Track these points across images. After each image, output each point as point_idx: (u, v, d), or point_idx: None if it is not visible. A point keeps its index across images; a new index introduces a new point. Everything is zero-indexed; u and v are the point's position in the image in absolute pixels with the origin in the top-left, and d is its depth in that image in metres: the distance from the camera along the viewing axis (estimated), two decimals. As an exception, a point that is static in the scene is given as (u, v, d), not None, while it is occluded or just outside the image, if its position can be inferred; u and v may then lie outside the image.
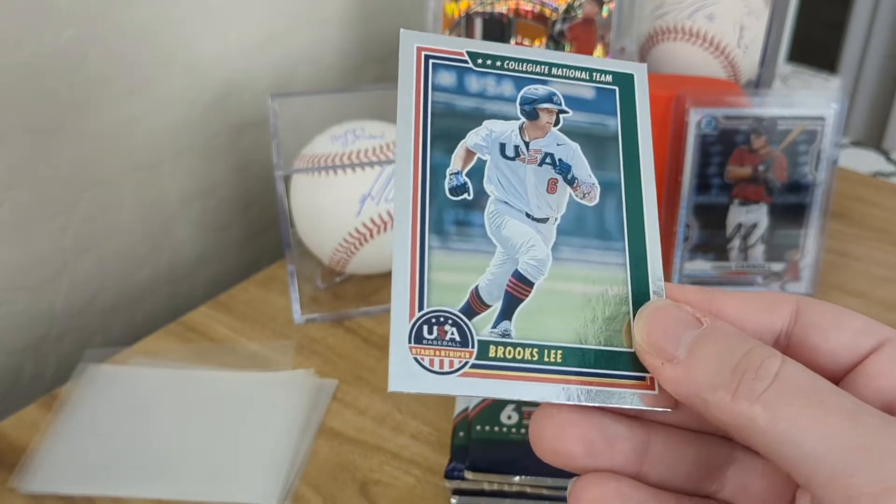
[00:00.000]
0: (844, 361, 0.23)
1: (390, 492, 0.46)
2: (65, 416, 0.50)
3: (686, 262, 0.60)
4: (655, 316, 0.22)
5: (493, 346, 0.24)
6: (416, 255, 0.24)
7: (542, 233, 0.25)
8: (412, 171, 0.25)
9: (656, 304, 0.23)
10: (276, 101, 0.62)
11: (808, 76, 1.00)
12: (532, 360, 0.24)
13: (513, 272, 0.25)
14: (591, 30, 0.66)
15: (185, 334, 0.58)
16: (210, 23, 0.64)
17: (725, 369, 0.20)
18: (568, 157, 0.27)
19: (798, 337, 0.23)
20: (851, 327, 0.23)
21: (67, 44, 0.55)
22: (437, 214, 0.25)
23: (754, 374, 0.20)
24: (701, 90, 0.58)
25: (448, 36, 0.27)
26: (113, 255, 0.63)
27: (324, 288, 0.62)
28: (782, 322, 0.23)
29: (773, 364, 0.20)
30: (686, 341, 0.21)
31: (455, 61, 0.27)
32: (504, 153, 0.26)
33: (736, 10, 0.67)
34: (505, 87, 0.27)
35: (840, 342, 0.23)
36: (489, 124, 0.26)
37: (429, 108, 0.26)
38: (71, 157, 0.58)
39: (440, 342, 0.24)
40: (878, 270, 0.65)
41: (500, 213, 0.25)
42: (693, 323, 0.22)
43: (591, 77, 0.28)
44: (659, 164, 0.60)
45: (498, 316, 0.24)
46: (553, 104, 0.27)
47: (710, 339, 0.21)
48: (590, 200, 0.26)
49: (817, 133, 0.57)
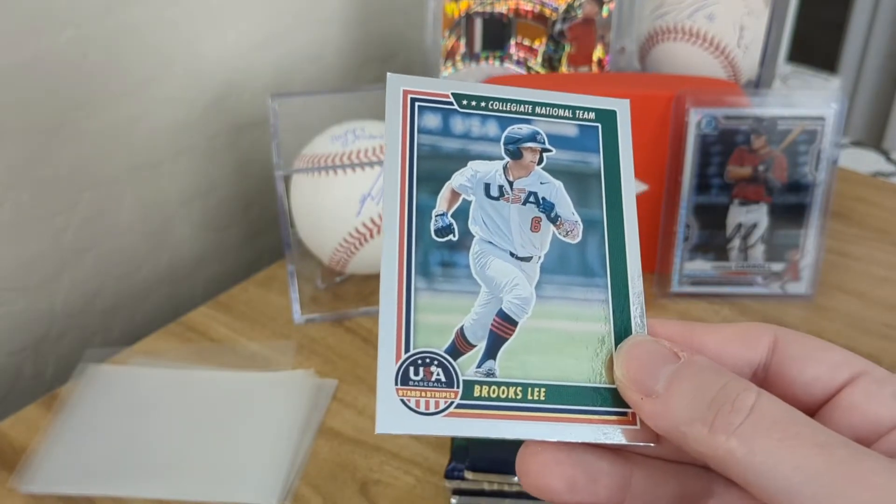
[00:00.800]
0: (820, 394, 0.23)
1: (390, 492, 0.46)
2: (65, 417, 0.50)
3: (686, 262, 0.60)
4: (634, 351, 0.23)
5: (477, 385, 0.24)
6: (403, 297, 0.25)
7: (526, 272, 0.26)
8: (398, 213, 0.26)
9: (635, 339, 0.24)
10: (276, 101, 0.62)
11: (808, 76, 1.00)
12: (516, 398, 0.24)
13: (497, 311, 0.25)
14: (591, 30, 0.66)
15: (185, 334, 0.58)
16: (210, 23, 0.64)
17: (702, 403, 0.21)
18: (551, 195, 0.27)
19: (776, 369, 0.23)
20: (827, 360, 0.23)
21: (67, 44, 0.55)
22: (423, 256, 0.25)
23: (731, 408, 0.20)
24: (701, 90, 0.58)
25: (434, 78, 0.27)
26: (113, 255, 0.63)
27: (324, 288, 0.62)
28: (760, 354, 0.24)
29: (749, 397, 0.20)
30: (664, 376, 0.22)
31: (440, 103, 0.27)
32: (488, 193, 0.27)
33: (736, 10, 0.67)
34: (489, 127, 0.27)
35: (816, 375, 0.23)
36: (474, 165, 0.27)
37: (415, 150, 0.27)
38: (71, 157, 0.58)
39: (426, 383, 0.24)
40: (878, 270, 0.65)
41: (484, 253, 0.26)
42: (671, 357, 0.22)
43: (574, 115, 0.28)
44: (659, 165, 0.60)
45: (483, 355, 0.25)
46: (536, 143, 0.27)
47: (687, 373, 0.22)
48: (573, 238, 0.27)
49: (817, 133, 0.57)
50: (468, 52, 0.67)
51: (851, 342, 0.57)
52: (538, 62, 0.67)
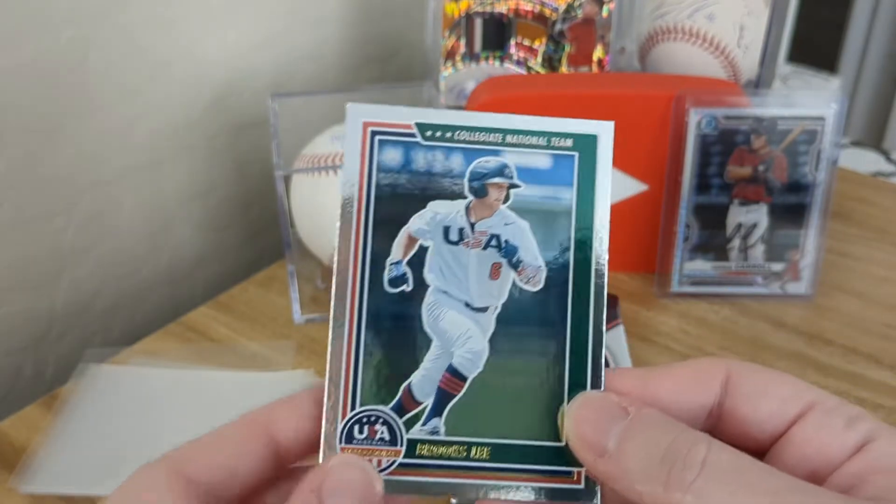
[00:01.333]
0: (773, 429, 0.23)
1: (390, 492, 0.46)
2: (65, 416, 0.50)
3: (686, 263, 0.60)
4: (583, 410, 0.23)
5: (420, 444, 0.24)
6: (352, 353, 0.24)
7: (481, 323, 0.25)
8: (352, 261, 0.25)
9: (585, 396, 0.23)
10: (276, 100, 0.62)
11: (808, 76, 1.00)
12: (459, 457, 0.24)
13: (447, 367, 0.24)
14: (591, 30, 0.66)
15: (185, 334, 0.58)
16: (210, 23, 0.64)
17: (654, 460, 0.21)
18: (515, 237, 0.25)
19: (730, 406, 0.23)
20: (779, 395, 0.23)
21: (67, 44, 0.55)
22: (374, 309, 0.24)
23: (683, 464, 0.20)
24: (701, 90, 0.58)
25: (397, 107, 0.26)
26: (113, 255, 0.63)
27: (324, 288, 0.62)
28: (714, 395, 0.23)
29: (700, 451, 0.20)
30: (615, 433, 0.21)
31: (403, 135, 0.25)
32: (447, 237, 0.25)
33: (736, 10, 0.67)
34: (454, 161, 0.25)
35: (768, 411, 0.23)
36: (434, 206, 0.25)
37: (372, 192, 0.25)
38: (71, 157, 0.58)
39: (370, 441, 0.24)
40: (878, 270, 0.65)
41: (438, 304, 0.25)
42: (620, 413, 0.22)
43: (549, 143, 0.26)
44: (659, 165, 0.60)
45: (429, 413, 0.24)
46: (504, 178, 0.25)
47: (636, 429, 0.21)
48: (534, 285, 0.25)
49: (817, 133, 0.57)
50: (468, 52, 0.67)
51: (851, 342, 0.57)
52: (538, 62, 0.67)
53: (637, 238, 0.63)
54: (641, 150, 0.60)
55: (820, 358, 0.56)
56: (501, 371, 0.25)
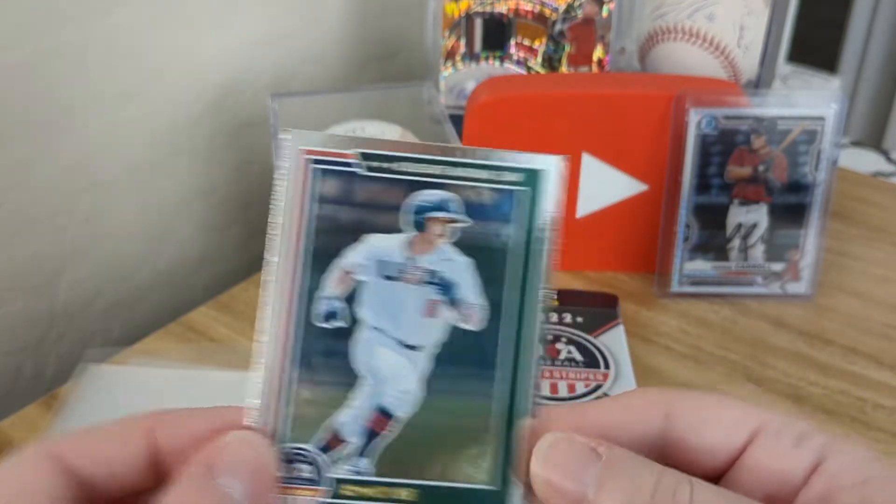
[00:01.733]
0: (723, 458, 0.23)
1: (390, 492, 0.46)
2: (65, 417, 0.50)
3: (686, 263, 0.60)
4: (550, 456, 0.22)
5: (345, 484, 0.23)
6: (280, 388, 0.24)
7: (414, 362, 0.24)
8: (285, 295, 0.24)
9: (548, 441, 0.22)
10: (276, 100, 0.62)
11: (808, 76, 1.00)
12: (385, 498, 0.23)
13: (376, 406, 0.24)
14: (591, 30, 0.66)
15: (186, 334, 0.58)
16: (210, 22, 0.64)
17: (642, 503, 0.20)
18: (454, 274, 0.24)
19: (673, 439, 0.23)
20: (722, 423, 0.23)
21: (66, 43, 0.55)
22: (305, 344, 0.24)
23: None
24: (701, 90, 0.58)
25: (339, 135, 0.24)
26: (113, 255, 0.63)
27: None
28: (654, 428, 0.23)
29: (685, 491, 0.20)
30: (592, 479, 0.20)
31: (343, 165, 0.24)
32: (384, 273, 0.24)
33: (736, 9, 0.67)
34: (396, 193, 0.24)
35: (714, 440, 0.22)
36: (372, 240, 0.24)
37: (311, 223, 0.24)
38: (70, 156, 0.58)
39: (294, 481, 0.23)
40: (878, 270, 0.65)
41: (371, 341, 0.24)
42: (591, 456, 0.21)
43: (498, 177, 0.25)
44: (659, 165, 0.60)
45: (357, 451, 0.24)
46: (446, 213, 0.24)
47: (615, 472, 0.21)
48: (473, 324, 0.24)
49: (817, 133, 0.57)
50: (468, 51, 0.67)
51: (852, 342, 0.57)
52: (538, 62, 0.67)
53: (637, 238, 0.63)
54: (641, 151, 0.60)
55: (820, 358, 0.56)
56: (437, 412, 0.24)
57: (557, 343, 0.51)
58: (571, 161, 0.61)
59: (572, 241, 0.64)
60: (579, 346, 0.50)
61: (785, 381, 0.54)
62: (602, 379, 0.48)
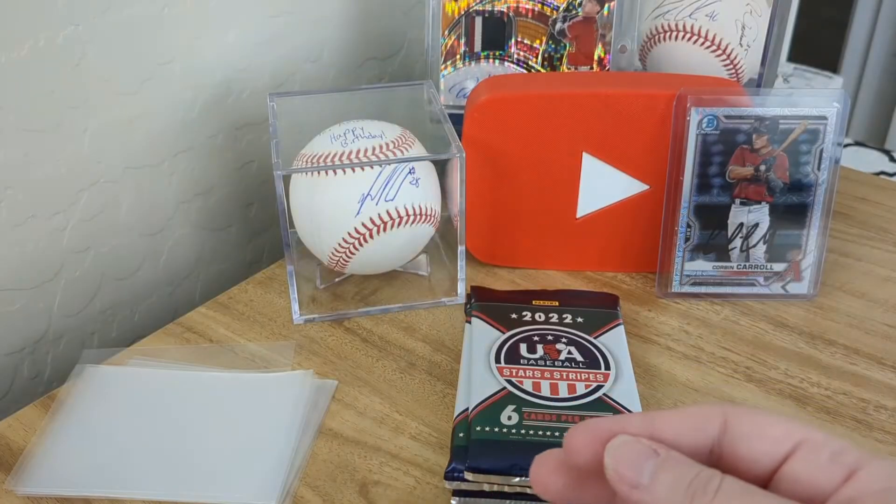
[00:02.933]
0: (767, 467, 0.26)
1: (390, 493, 0.46)
2: (62, 417, 0.50)
3: (687, 262, 0.60)
4: (619, 451, 0.26)
5: None
6: None
7: None
8: None
9: (619, 440, 0.27)
10: (276, 100, 0.62)
11: (811, 75, 1.00)
12: None
13: None
14: (591, 28, 0.66)
15: (184, 335, 0.58)
16: (209, 22, 0.64)
17: (681, 490, 0.25)
18: None
19: (727, 448, 0.27)
20: (771, 435, 0.26)
21: (66, 43, 0.55)
22: None
23: (703, 491, 0.24)
24: (702, 89, 0.57)
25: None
26: (111, 254, 0.63)
27: (323, 288, 0.62)
28: (712, 437, 0.27)
29: (715, 481, 0.25)
30: (648, 470, 0.26)
31: None
32: None
33: (737, 8, 0.67)
34: None
35: (762, 450, 0.26)
36: None
37: None
38: (69, 156, 0.58)
39: None
40: (880, 271, 0.64)
41: None
42: (651, 454, 0.26)
43: None
44: (660, 164, 0.59)
45: None
46: None
47: (667, 466, 0.26)
48: None
49: (819, 132, 0.57)
50: (468, 51, 0.67)
51: (854, 343, 0.57)
52: (538, 61, 0.67)
53: (638, 238, 0.63)
54: (642, 150, 0.60)
55: (822, 358, 0.56)
56: None
57: (557, 343, 0.50)
58: (572, 161, 0.60)
59: (572, 241, 0.63)
60: (579, 346, 0.50)
61: (786, 382, 0.54)
62: (603, 379, 0.48)
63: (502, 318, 0.53)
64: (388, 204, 0.56)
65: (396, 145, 0.57)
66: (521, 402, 0.46)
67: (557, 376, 0.48)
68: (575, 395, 0.47)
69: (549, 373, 0.48)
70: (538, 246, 0.64)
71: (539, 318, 0.53)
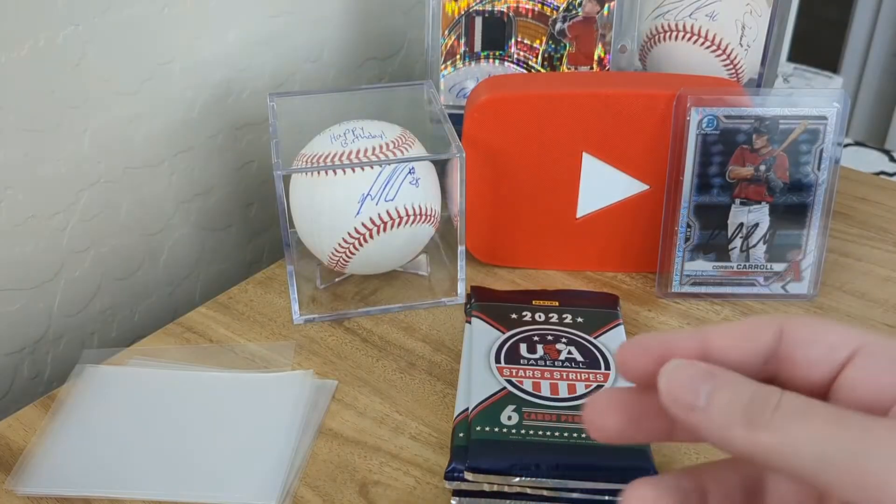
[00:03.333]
0: (826, 374, 0.25)
1: (390, 493, 0.46)
2: (62, 417, 0.50)
3: (687, 262, 0.60)
4: (674, 374, 0.26)
5: None
6: None
7: None
8: None
9: (673, 364, 0.26)
10: (276, 100, 0.62)
11: (810, 75, 0.99)
12: None
13: None
14: (591, 28, 0.66)
15: (184, 335, 0.58)
16: (209, 22, 0.64)
17: (738, 409, 0.24)
18: None
19: (784, 355, 0.26)
20: (827, 341, 0.25)
21: (66, 42, 0.55)
22: None
23: (761, 409, 0.24)
24: (702, 89, 0.57)
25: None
26: (111, 254, 0.63)
27: (323, 288, 0.62)
28: (766, 345, 0.26)
29: (774, 397, 0.24)
30: (704, 392, 0.25)
31: None
32: None
33: (737, 8, 0.67)
34: None
35: (818, 357, 0.25)
36: None
37: None
38: (69, 156, 0.58)
39: None
40: (881, 271, 0.64)
41: None
42: (707, 376, 0.25)
43: None
44: (660, 164, 0.59)
45: None
46: None
47: (723, 387, 0.25)
48: None
49: (819, 132, 0.57)
50: (468, 51, 0.67)
51: (853, 342, 0.57)
52: (538, 61, 0.67)
53: (638, 238, 0.63)
54: (642, 150, 0.60)
55: (822, 358, 0.55)
56: None
57: (557, 343, 0.50)
58: (571, 161, 0.60)
59: (572, 241, 0.63)
60: (580, 346, 0.50)
61: (786, 382, 0.54)
62: (603, 380, 0.48)
63: (502, 318, 0.53)
64: (388, 204, 0.56)
65: (396, 145, 0.57)
66: (521, 402, 0.46)
67: (557, 376, 0.48)
68: (575, 395, 0.47)
69: (549, 373, 0.48)
70: (538, 246, 0.64)
71: (539, 318, 0.53)
